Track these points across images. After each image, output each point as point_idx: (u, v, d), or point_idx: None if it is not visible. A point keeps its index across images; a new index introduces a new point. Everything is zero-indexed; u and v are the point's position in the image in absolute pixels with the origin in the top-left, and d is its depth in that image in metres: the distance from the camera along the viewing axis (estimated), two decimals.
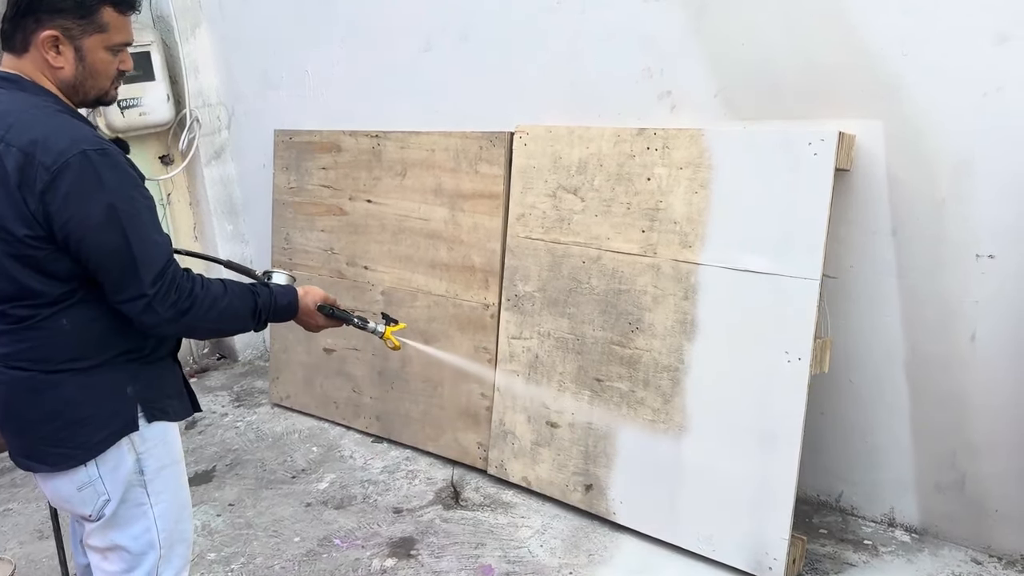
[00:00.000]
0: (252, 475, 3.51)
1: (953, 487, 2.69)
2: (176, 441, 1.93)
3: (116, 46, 1.75)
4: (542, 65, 3.21)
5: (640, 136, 2.81)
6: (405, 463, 3.51)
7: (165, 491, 1.88)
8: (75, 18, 1.67)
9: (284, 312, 1.96)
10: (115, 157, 1.66)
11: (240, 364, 4.80)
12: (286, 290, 1.98)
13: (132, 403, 1.79)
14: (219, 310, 1.77)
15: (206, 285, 1.76)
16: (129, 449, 1.80)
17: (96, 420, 1.75)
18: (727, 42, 2.74)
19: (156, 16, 4.36)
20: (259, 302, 1.87)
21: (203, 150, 4.51)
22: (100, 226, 1.61)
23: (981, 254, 2.47)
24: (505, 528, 2.99)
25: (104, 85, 1.78)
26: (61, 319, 1.69)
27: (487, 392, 3.30)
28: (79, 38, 1.69)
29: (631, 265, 2.84)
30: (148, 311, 1.67)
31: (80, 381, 1.73)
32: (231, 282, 1.84)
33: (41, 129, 1.60)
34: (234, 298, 1.81)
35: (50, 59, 1.69)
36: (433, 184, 3.41)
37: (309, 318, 2.04)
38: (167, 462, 1.88)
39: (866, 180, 2.60)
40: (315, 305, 2.03)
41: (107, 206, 1.61)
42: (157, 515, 1.87)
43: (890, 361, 2.71)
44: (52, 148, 1.58)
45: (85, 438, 1.74)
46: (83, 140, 1.61)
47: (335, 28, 3.88)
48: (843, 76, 2.55)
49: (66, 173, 1.57)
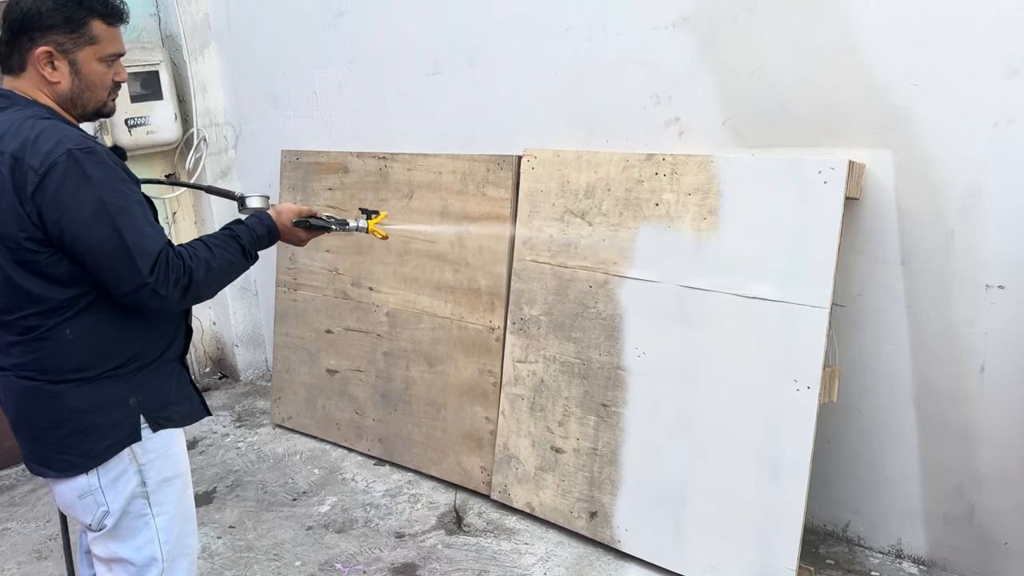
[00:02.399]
0: (253, 497, 3.48)
1: (962, 519, 2.66)
2: (181, 452, 1.96)
3: (109, 57, 1.82)
4: (550, 90, 3.22)
5: (649, 162, 2.82)
6: (407, 487, 3.48)
7: (168, 503, 1.91)
8: (66, 32, 1.74)
9: (267, 239, 1.99)
10: (101, 155, 1.70)
11: (242, 384, 4.78)
12: (262, 218, 2.00)
13: (135, 414, 1.83)
14: (215, 271, 1.82)
15: (194, 254, 1.79)
16: (131, 461, 1.84)
17: (99, 430, 1.80)
18: (736, 70, 2.75)
19: (165, 35, 4.38)
20: (243, 242, 1.91)
21: (210, 169, 4.52)
22: (90, 220, 1.66)
23: (991, 284, 2.46)
24: (508, 555, 2.96)
25: (101, 96, 1.84)
26: (65, 329, 1.74)
27: (491, 416, 3.28)
28: (72, 52, 1.76)
29: (639, 290, 2.83)
30: (154, 297, 1.71)
31: (83, 391, 1.78)
32: (211, 237, 1.88)
33: (28, 134, 1.66)
34: (222, 252, 1.85)
35: (47, 75, 1.76)
36: (440, 206, 3.41)
37: (290, 235, 2.08)
38: (170, 474, 1.92)
39: (875, 209, 2.59)
40: (291, 222, 2.06)
41: (96, 200, 1.66)
42: (160, 527, 1.90)
43: (898, 391, 2.69)
44: (39, 150, 1.64)
45: (89, 447, 1.79)
46: (68, 140, 1.67)
47: (343, 50, 3.89)
48: (852, 105, 2.56)
49: (54, 173, 1.63)
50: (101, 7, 1.78)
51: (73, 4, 1.74)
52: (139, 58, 4.07)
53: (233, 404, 4.50)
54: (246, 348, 4.80)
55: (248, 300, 4.78)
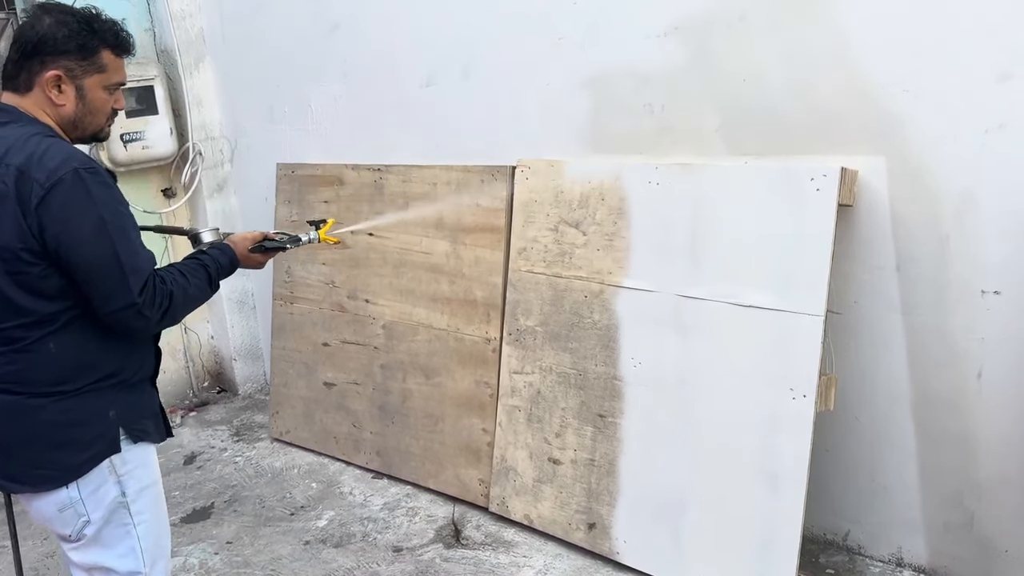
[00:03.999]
0: (251, 512, 3.46)
1: (962, 527, 2.64)
2: (154, 463, 2.03)
3: (113, 85, 1.91)
4: (543, 100, 3.22)
5: (642, 170, 2.81)
6: (405, 500, 3.46)
7: (147, 511, 1.97)
8: (77, 59, 1.82)
9: (229, 268, 2.07)
10: (103, 176, 1.79)
11: (240, 398, 4.76)
12: (223, 248, 2.08)
13: (114, 426, 1.88)
14: (190, 297, 1.90)
15: (174, 280, 1.87)
16: (110, 471, 1.88)
17: (79, 443, 1.83)
18: (728, 78, 2.75)
19: (160, 50, 4.39)
20: (211, 272, 1.99)
21: (206, 183, 4.52)
22: (91, 238, 1.72)
23: (987, 290, 2.45)
24: (507, 568, 2.94)
25: (100, 121, 1.93)
26: (48, 343, 1.78)
27: (488, 428, 3.26)
28: (80, 78, 1.84)
29: (635, 300, 2.82)
30: (138, 317, 1.78)
31: (63, 406, 1.81)
32: (183, 264, 1.96)
33: (34, 150, 1.72)
34: (194, 279, 1.93)
35: (53, 97, 1.83)
36: (435, 217, 3.41)
37: (249, 262, 2.16)
38: (147, 483, 1.98)
39: (869, 216, 2.59)
40: (247, 249, 2.14)
41: (97, 218, 1.73)
42: (140, 535, 1.95)
43: (896, 398, 2.68)
44: (46, 165, 1.70)
45: (67, 460, 1.82)
46: (74, 159, 1.74)
47: (337, 63, 3.90)
48: (845, 112, 2.55)
49: (59, 188, 1.69)
50: (112, 39, 1.87)
51: (87, 33, 1.82)
52: (134, 73, 4.07)
53: (231, 418, 4.48)
54: (244, 362, 4.79)
55: (246, 314, 4.77)
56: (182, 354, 4.75)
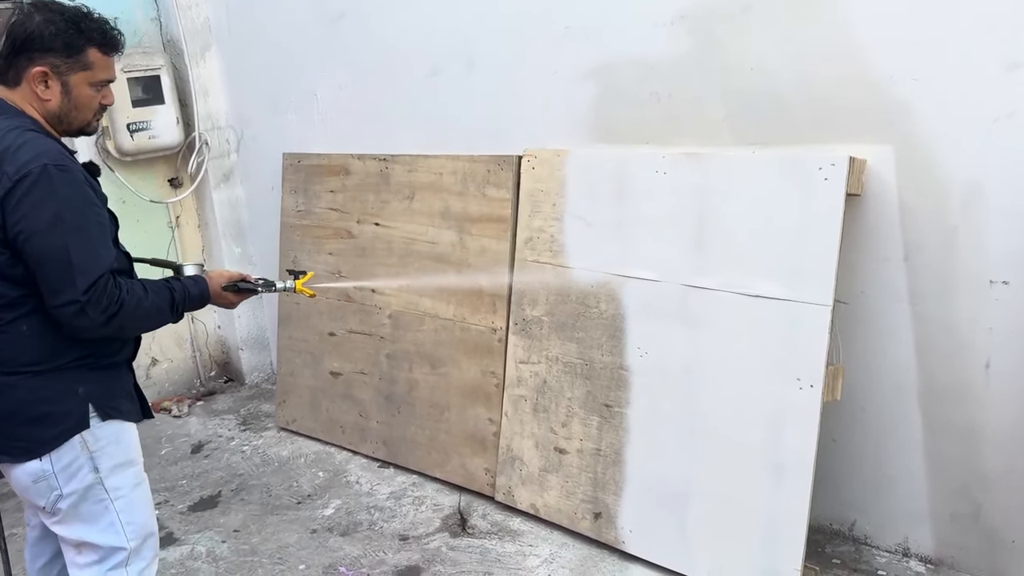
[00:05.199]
0: (258, 500, 3.48)
1: (968, 517, 2.64)
2: (132, 442, 2.07)
3: (99, 83, 1.97)
4: (549, 89, 3.21)
5: (649, 160, 2.80)
6: (412, 489, 3.48)
7: (123, 487, 2.03)
8: (63, 56, 1.89)
9: (198, 300, 2.13)
10: (74, 174, 1.85)
11: (247, 387, 4.78)
12: (197, 280, 2.14)
13: (83, 402, 1.94)
14: (144, 310, 1.94)
15: (131, 290, 1.92)
16: (83, 448, 1.95)
17: (50, 419, 1.91)
18: (735, 67, 2.73)
19: (166, 40, 4.39)
20: (175, 296, 2.03)
21: (212, 173, 4.52)
22: (44, 230, 1.78)
23: (995, 280, 2.44)
24: (513, 557, 2.95)
25: (86, 117, 1.99)
26: (21, 325, 1.87)
27: (494, 417, 3.27)
28: (66, 74, 1.91)
29: (641, 290, 2.81)
30: (80, 315, 1.82)
31: (34, 384, 1.89)
32: (150, 282, 2.02)
33: (11, 143, 1.80)
34: (155, 297, 1.98)
35: (39, 92, 1.90)
36: (441, 207, 3.41)
37: (220, 299, 2.21)
38: (122, 460, 2.03)
39: (877, 206, 2.58)
40: (220, 287, 2.19)
41: (54, 214, 1.79)
42: (119, 510, 2.02)
43: (903, 389, 2.67)
44: (18, 159, 1.78)
45: (39, 434, 1.91)
46: (46, 155, 1.80)
47: (342, 53, 3.89)
48: (853, 101, 2.54)
49: (24, 182, 1.77)
50: (99, 37, 1.93)
51: (74, 32, 1.88)
52: (140, 63, 4.08)
53: (238, 408, 4.50)
54: (251, 351, 4.80)
55: (252, 303, 4.78)
56: (189, 344, 4.76)
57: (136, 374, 2.17)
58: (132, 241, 4.37)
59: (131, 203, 4.31)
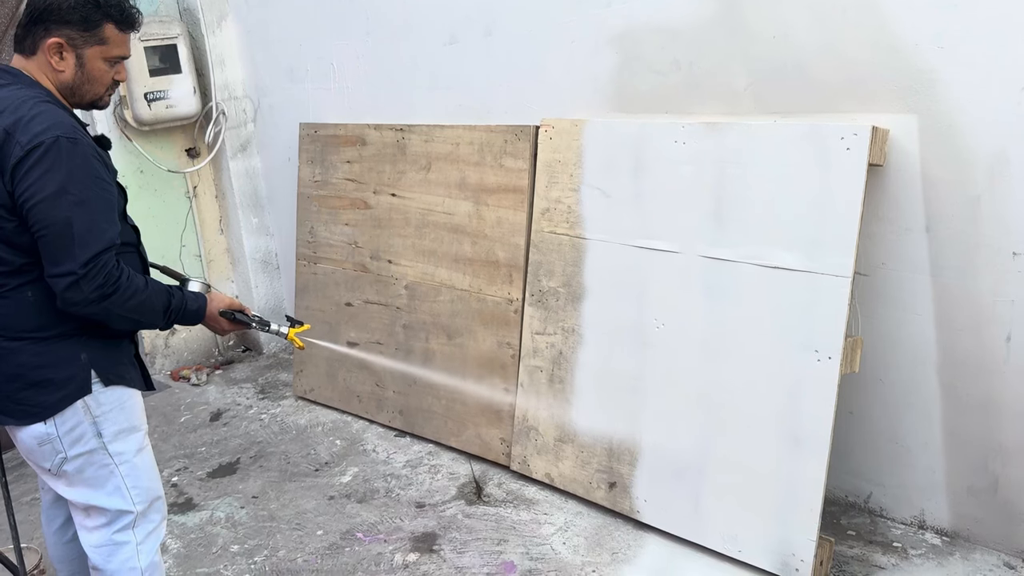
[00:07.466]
0: (276, 467, 3.52)
1: (986, 491, 2.63)
2: (135, 408, 2.10)
3: (114, 58, 1.99)
4: (567, 58, 3.18)
5: (668, 129, 2.77)
6: (428, 458, 3.50)
7: (127, 452, 2.06)
8: (79, 30, 1.91)
9: (192, 316, 2.13)
10: (84, 148, 1.85)
11: (265, 357, 4.82)
12: (197, 297, 2.16)
13: (86, 368, 1.97)
14: (137, 301, 1.94)
15: (131, 277, 1.93)
16: (85, 413, 1.98)
17: (53, 384, 1.94)
18: (757, 35, 2.69)
19: (183, 9, 4.37)
20: (172, 302, 2.05)
21: (229, 143, 4.53)
22: (49, 200, 1.80)
23: (1018, 252, 2.40)
24: (528, 524, 2.97)
25: (99, 91, 2.01)
26: (27, 291, 1.90)
27: (510, 388, 3.28)
28: (81, 47, 1.93)
29: (659, 261, 2.80)
30: (74, 288, 1.83)
31: (37, 349, 1.92)
32: (153, 280, 2.03)
33: (24, 113, 1.82)
34: (152, 294, 1.99)
35: (53, 63, 1.93)
36: (457, 178, 3.40)
37: (214, 322, 2.23)
38: (125, 427, 2.06)
39: (899, 176, 2.54)
40: (218, 311, 2.21)
41: (60, 186, 1.80)
42: (124, 474, 2.06)
43: (922, 361, 2.65)
44: (31, 130, 1.80)
45: (43, 399, 1.94)
46: (59, 127, 1.82)
47: (359, 22, 3.86)
48: (876, 69, 2.50)
49: (36, 151, 1.79)
50: (117, 13, 1.95)
51: (92, 6, 1.91)
52: (157, 32, 4.07)
53: (256, 377, 4.54)
54: None
55: (270, 274, 4.81)
56: None
57: (147, 344, 2.20)
58: (150, 211, 4.43)
59: (149, 173, 4.32)
